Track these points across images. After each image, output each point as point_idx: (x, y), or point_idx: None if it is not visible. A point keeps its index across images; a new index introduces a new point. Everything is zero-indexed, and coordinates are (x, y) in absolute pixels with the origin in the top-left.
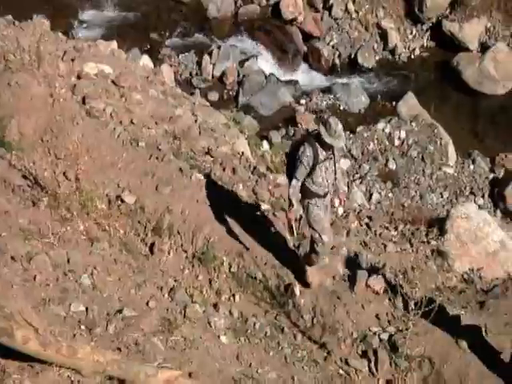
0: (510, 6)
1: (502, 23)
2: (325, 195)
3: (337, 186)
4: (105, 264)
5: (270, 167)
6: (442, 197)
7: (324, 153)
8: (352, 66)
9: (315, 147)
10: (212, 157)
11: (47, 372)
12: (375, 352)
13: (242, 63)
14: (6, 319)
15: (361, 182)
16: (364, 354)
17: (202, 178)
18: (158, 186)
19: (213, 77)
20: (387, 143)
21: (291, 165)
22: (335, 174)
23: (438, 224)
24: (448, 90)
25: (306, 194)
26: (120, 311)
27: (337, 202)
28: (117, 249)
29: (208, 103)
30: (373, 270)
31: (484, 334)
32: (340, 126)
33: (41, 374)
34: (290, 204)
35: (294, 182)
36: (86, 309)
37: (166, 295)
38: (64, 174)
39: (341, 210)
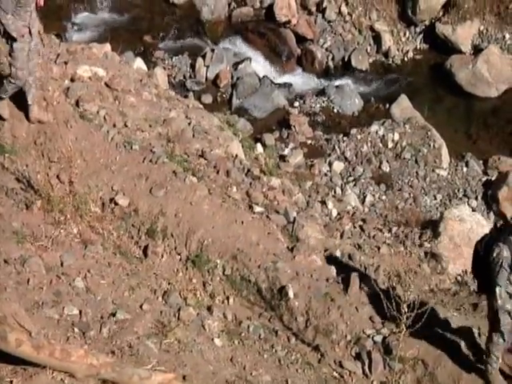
0: (502, 9)
1: (494, 26)
2: None
3: None
4: (98, 267)
5: (264, 170)
6: (435, 199)
7: None
8: (345, 69)
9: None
10: (206, 159)
11: (40, 375)
12: (369, 354)
13: (235, 66)
14: None
15: (354, 185)
16: (358, 357)
17: (196, 180)
18: (152, 189)
19: (206, 79)
20: (381, 145)
21: (478, 266)
22: None
23: (432, 226)
24: (441, 92)
25: None
26: (114, 314)
27: None
28: (110, 252)
29: (202, 106)
30: (366, 272)
31: (477, 335)
32: None
33: (34, 378)
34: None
35: (498, 290)
36: (80, 312)
37: (160, 298)
38: (57, 176)
39: (335, 213)
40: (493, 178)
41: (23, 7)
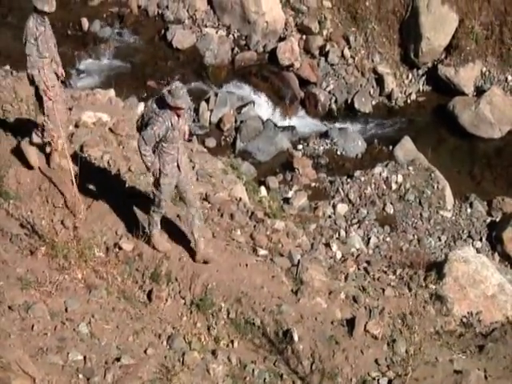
0: (504, 51)
1: (496, 68)
2: None
3: None
4: (103, 312)
5: (268, 213)
6: (439, 240)
7: None
8: (349, 111)
9: None
10: (210, 203)
11: None
12: None
13: (239, 109)
14: (3, 369)
15: (359, 227)
16: None
17: (198, 221)
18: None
19: (210, 123)
20: (384, 187)
21: None
22: None
23: (437, 268)
24: (444, 133)
25: None
26: (118, 359)
27: None
28: (115, 296)
29: (205, 149)
30: (371, 315)
31: (484, 378)
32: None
33: None
34: None
35: None
36: (84, 357)
37: (165, 342)
38: (61, 222)
39: (339, 255)
40: (497, 219)
41: (170, 143)
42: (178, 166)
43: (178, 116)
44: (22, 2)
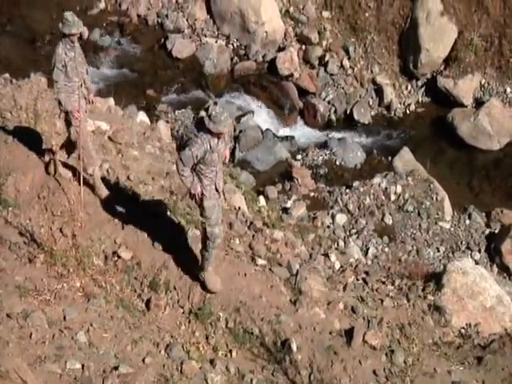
0: (503, 63)
1: (495, 79)
2: None
3: None
4: (101, 320)
5: (267, 222)
6: (438, 251)
7: None
8: (348, 122)
9: None
10: None
11: None
12: None
13: (238, 119)
14: (1, 377)
15: (357, 237)
16: None
17: (199, 233)
18: (155, 242)
19: None
20: (383, 198)
21: None
22: None
23: (435, 279)
24: (443, 145)
25: None
26: (116, 368)
27: None
28: (113, 305)
29: None
30: (370, 325)
31: None
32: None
33: None
34: None
35: None
36: (82, 366)
37: (163, 351)
38: (60, 230)
39: (337, 265)
40: (496, 231)
41: (208, 166)
42: (216, 189)
43: (218, 138)
44: (22, 10)
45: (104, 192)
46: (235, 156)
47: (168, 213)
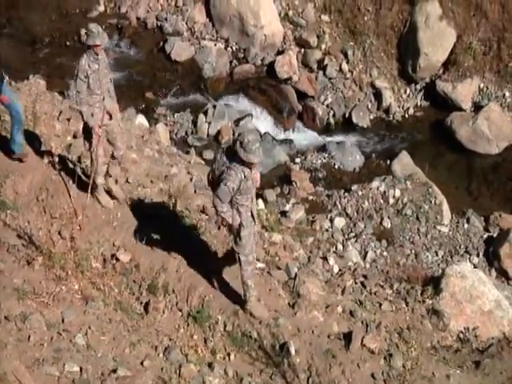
0: (502, 67)
1: (494, 84)
2: None
3: None
4: (99, 323)
5: (265, 225)
6: (437, 255)
7: None
8: (346, 125)
9: None
10: (207, 215)
11: None
12: None
13: (237, 122)
14: None
15: (356, 241)
16: None
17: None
18: (153, 245)
19: (208, 135)
20: (382, 202)
21: None
22: None
23: (434, 283)
24: (442, 149)
25: None
26: (114, 371)
27: None
28: (111, 308)
29: (203, 162)
30: (368, 329)
31: None
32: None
33: None
34: None
35: None
36: (80, 369)
37: (161, 354)
38: (59, 233)
39: (336, 268)
40: (494, 235)
41: (244, 195)
42: (252, 215)
43: (251, 168)
44: (20, 12)
45: (104, 202)
46: None
47: (167, 216)
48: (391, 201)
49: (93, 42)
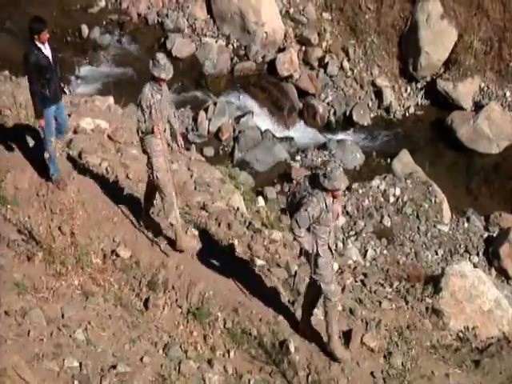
0: (503, 67)
1: (495, 83)
2: None
3: None
4: (99, 319)
5: (266, 223)
6: (436, 254)
7: None
8: (347, 123)
9: None
10: (207, 212)
11: None
12: None
13: (237, 119)
14: None
15: (356, 239)
16: None
17: (197, 233)
18: (153, 241)
19: (208, 132)
20: (382, 200)
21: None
22: None
23: (433, 282)
24: (442, 148)
25: None
26: (114, 367)
27: None
28: (111, 304)
29: (204, 158)
30: (368, 328)
31: None
32: None
33: None
34: None
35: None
36: (80, 364)
37: (161, 351)
38: (59, 228)
39: (336, 267)
40: (494, 234)
41: (322, 226)
42: (329, 248)
43: (334, 197)
44: (21, 8)
45: (185, 243)
46: (234, 156)
47: None
48: (391, 199)
49: (158, 75)
